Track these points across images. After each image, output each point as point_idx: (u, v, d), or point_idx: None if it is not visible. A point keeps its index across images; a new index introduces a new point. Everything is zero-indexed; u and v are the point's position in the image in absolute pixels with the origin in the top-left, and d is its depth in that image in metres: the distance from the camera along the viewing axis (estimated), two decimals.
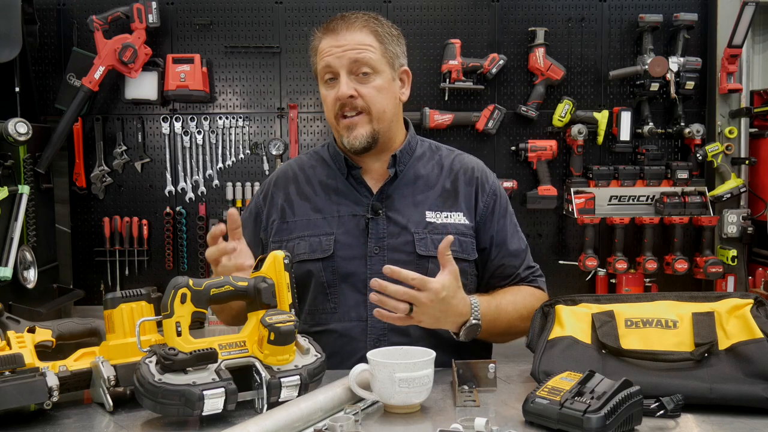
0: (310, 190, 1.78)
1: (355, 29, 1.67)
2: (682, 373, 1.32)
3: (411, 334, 1.65)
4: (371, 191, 1.74)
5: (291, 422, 1.20)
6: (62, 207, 3.40)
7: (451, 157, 1.83)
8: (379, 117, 1.69)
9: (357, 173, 1.75)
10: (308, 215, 1.75)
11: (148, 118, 3.41)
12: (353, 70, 1.66)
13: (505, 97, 3.42)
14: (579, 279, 3.43)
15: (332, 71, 1.67)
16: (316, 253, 1.70)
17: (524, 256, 1.81)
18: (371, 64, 1.67)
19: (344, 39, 1.66)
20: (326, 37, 1.69)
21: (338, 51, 1.66)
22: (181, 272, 3.39)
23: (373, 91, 1.67)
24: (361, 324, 1.68)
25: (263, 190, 1.84)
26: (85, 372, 1.34)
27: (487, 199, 1.79)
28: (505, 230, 1.79)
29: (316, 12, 3.39)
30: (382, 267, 1.64)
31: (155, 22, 3.22)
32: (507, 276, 1.77)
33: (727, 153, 3.37)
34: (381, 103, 1.69)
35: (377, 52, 1.68)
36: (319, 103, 3.39)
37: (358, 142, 1.68)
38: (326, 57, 1.67)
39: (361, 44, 1.67)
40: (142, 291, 1.38)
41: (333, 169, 1.79)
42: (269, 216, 1.79)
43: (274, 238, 1.75)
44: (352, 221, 1.72)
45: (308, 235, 1.72)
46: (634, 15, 3.38)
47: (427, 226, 1.71)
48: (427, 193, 1.75)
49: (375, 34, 1.69)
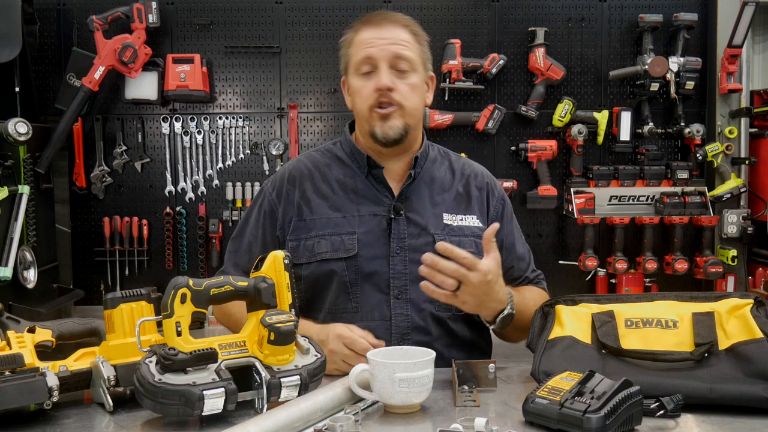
0: (327, 188, 1.77)
1: (397, 26, 1.71)
2: (682, 373, 1.32)
3: (431, 332, 1.69)
4: (392, 191, 1.75)
5: (291, 422, 1.20)
6: (62, 207, 3.40)
7: (460, 162, 1.87)
8: (411, 114, 1.71)
9: (378, 173, 1.75)
10: (327, 214, 1.74)
11: (148, 118, 3.41)
12: (393, 63, 1.68)
13: (505, 97, 3.42)
14: (579, 279, 3.43)
15: (373, 62, 1.68)
16: (339, 252, 1.70)
17: (529, 259, 1.87)
18: (411, 61, 1.69)
19: (387, 32, 1.69)
20: (366, 29, 1.71)
21: (382, 43, 1.68)
22: (181, 272, 3.39)
23: (408, 88, 1.70)
24: (384, 323, 1.68)
25: (275, 187, 1.81)
26: (85, 372, 1.33)
27: (497, 204, 1.84)
28: (512, 234, 1.85)
29: (316, 12, 3.39)
30: (403, 267, 1.70)
31: (155, 22, 3.22)
32: (515, 278, 1.81)
33: (727, 153, 3.37)
34: (414, 101, 1.71)
35: (416, 52, 1.71)
36: (319, 103, 3.42)
37: (393, 131, 1.69)
38: (367, 48, 1.68)
39: (403, 40, 1.70)
40: (142, 291, 1.38)
41: (351, 168, 1.79)
42: (285, 213, 1.77)
43: (291, 236, 1.74)
44: (373, 221, 1.72)
45: (329, 234, 1.72)
46: (634, 15, 3.38)
47: (444, 228, 1.74)
48: (443, 196, 1.78)
49: (414, 34, 1.73)
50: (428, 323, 1.70)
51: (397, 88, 1.68)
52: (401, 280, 1.69)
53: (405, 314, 1.69)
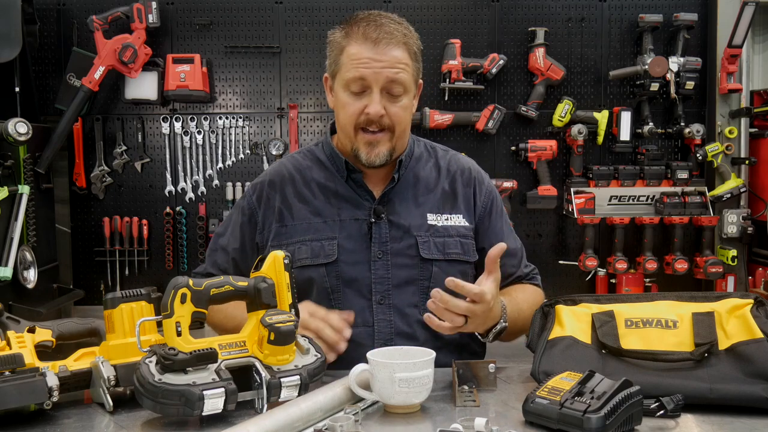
0: (308, 192, 1.74)
1: (394, 44, 1.61)
2: (682, 373, 1.32)
3: (418, 338, 1.66)
4: (372, 195, 1.72)
5: (291, 422, 1.20)
6: (62, 207, 3.40)
7: (446, 157, 1.82)
8: (400, 135, 1.68)
9: (358, 177, 1.72)
10: (308, 218, 1.72)
11: (148, 118, 3.41)
12: (386, 87, 1.62)
13: (505, 97, 3.42)
14: (579, 279, 3.43)
15: (365, 84, 1.61)
16: (320, 258, 1.68)
17: (521, 255, 1.83)
18: (404, 85, 1.64)
19: (384, 53, 1.60)
20: (362, 44, 1.61)
21: (377, 66, 1.60)
22: (181, 272, 3.39)
23: (400, 111, 1.65)
24: (367, 329, 1.66)
25: (256, 191, 1.78)
26: (85, 372, 1.33)
27: (485, 199, 1.80)
28: (502, 230, 1.80)
29: (316, 12, 3.39)
30: (386, 272, 1.67)
31: (155, 22, 3.22)
32: (508, 275, 1.78)
33: (727, 153, 3.37)
34: (404, 122, 1.68)
35: (410, 71, 1.65)
36: (319, 103, 3.42)
37: (378, 160, 1.66)
38: (361, 68, 1.60)
39: (399, 63, 1.62)
40: (142, 291, 1.38)
41: (331, 171, 1.76)
42: (265, 219, 1.75)
43: (273, 242, 1.72)
44: (354, 225, 1.70)
45: (309, 239, 1.69)
46: (634, 15, 3.38)
47: (428, 229, 1.71)
48: (427, 196, 1.75)
49: (410, 51, 1.65)
50: (414, 328, 1.67)
51: (388, 112, 1.62)
52: (383, 285, 1.67)
53: (388, 320, 1.66)
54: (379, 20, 1.64)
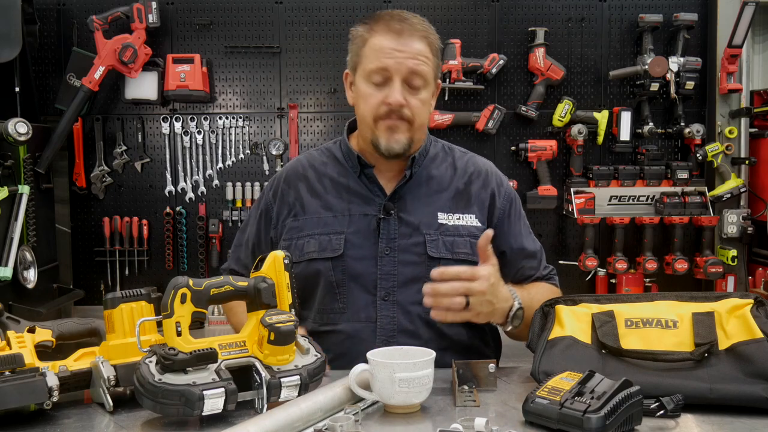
0: (320, 187, 1.76)
1: (417, 37, 1.64)
2: (682, 373, 1.32)
3: (421, 336, 1.66)
4: (384, 191, 1.73)
5: (291, 422, 1.20)
6: (62, 207, 3.40)
7: (464, 159, 1.84)
8: (419, 128, 1.69)
9: (370, 172, 1.73)
10: (319, 213, 1.73)
11: (148, 118, 3.41)
12: (407, 78, 1.64)
13: (505, 97, 3.42)
14: (579, 279, 3.43)
15: (387, 74, 1.64)
16: (326, 252, 1.69)
17: (540, 257, 1.84)
18: (425, 77, 1.65)
19: (407, 45, 1.63)
20: (385, 35, 1.64)
21: (400, 56, 1.62)
22: (181, 272, 3.39)
23: (419, 104, 1.66)
24: (370, 325, 1.67)
25: (273, 187, 1.82)
26: (85, 372, 1.33)
27: (504, 201, 1.80)
28: (520, 234, 1.81)
29: (316, 12, 3.39)
30: (392, 268, 1.67)
31: (155, 22, 3.22)
32: (527, 277, 1.79)
33: (727, 153, 3.37)
34: (423, 116, 1.69)
35: (430, 65, 1.67)
36: (319, 103, 3.42)
37: (398, 145, 1.67)
38: (384, 58, 1.63)
39: (421, 54, 1.64)
40: (142, 291, 1.38)
41: (345, 167, 1.78)
42: (280, 214, 1.77)
43: (286, 236, 1.74)
44: (363, 221, 1.71)
45: (318, 233, 1.71)
46: (634, 15, 3.38)
47: (438, 228, 1.71)
48: (440, 194, 1.75)
49: (431, 46, 1.67)
50: (417, 326, 1.67)
51: (408, 104, 1.64)
52: (389, 281, 1.68)
53: (391, 316, 1.67)
54: (402, 15, 1.68)
